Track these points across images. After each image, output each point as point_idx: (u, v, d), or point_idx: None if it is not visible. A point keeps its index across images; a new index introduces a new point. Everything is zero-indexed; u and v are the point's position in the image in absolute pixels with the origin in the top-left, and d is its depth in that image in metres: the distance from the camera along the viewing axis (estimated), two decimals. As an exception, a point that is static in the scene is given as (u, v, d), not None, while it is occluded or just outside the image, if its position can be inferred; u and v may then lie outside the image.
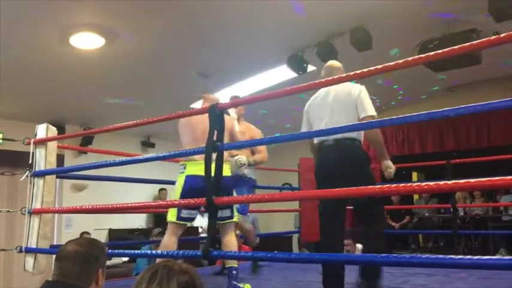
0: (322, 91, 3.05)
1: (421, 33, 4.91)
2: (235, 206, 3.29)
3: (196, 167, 2.98)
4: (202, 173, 2.46)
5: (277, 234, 7.60)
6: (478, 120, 7.00)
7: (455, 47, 1.79)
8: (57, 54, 5.10)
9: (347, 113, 2.88)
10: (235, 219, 3.26)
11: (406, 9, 4.58)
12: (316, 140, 3.01)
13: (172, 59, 5.53)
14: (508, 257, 1.56)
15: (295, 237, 8.20)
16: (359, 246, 5.63)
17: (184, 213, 3.06)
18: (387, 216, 7.88)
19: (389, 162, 2.99)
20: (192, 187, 3.00)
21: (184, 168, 3.11)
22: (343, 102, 2.91)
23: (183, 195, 3.03)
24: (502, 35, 1.73)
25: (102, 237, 7.66)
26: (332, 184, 2.27)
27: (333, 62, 3.26)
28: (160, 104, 6.90)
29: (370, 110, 2.86)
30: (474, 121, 7.05)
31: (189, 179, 3.05)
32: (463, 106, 1.85)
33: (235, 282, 3.10)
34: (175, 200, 3.07)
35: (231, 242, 3.15)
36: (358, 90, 2.91)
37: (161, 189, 8.35)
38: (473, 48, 1.83)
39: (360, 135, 2.92)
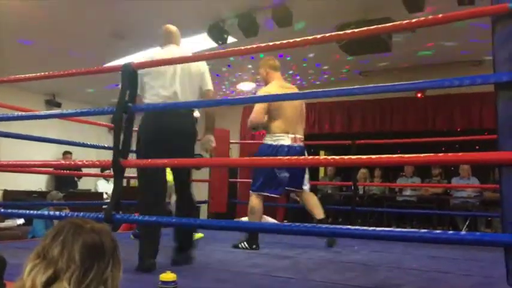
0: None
1: (339, 16, 5.07)
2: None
3: None
4: None
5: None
6: (383, 106, 7.59)
7: (365, 28, 1.90)
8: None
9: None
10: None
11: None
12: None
13: (86, 17, 5.20)
14: (398, 229, 1.69)
15: (204, 207, 8.23)
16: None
17: None
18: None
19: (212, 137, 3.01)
20: None
21: None
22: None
23: None
24: (404, 22, 1.87)
25: (-4, 198, 7.15)
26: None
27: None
28: (73, 64, 6.50)
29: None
30: (378, 107, 7.67)
31: None
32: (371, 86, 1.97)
33: None
34: (80, 160, 2.97)
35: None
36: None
37: (66, 152, 7.91)
38: (380, 31, 1.95)
39: None
